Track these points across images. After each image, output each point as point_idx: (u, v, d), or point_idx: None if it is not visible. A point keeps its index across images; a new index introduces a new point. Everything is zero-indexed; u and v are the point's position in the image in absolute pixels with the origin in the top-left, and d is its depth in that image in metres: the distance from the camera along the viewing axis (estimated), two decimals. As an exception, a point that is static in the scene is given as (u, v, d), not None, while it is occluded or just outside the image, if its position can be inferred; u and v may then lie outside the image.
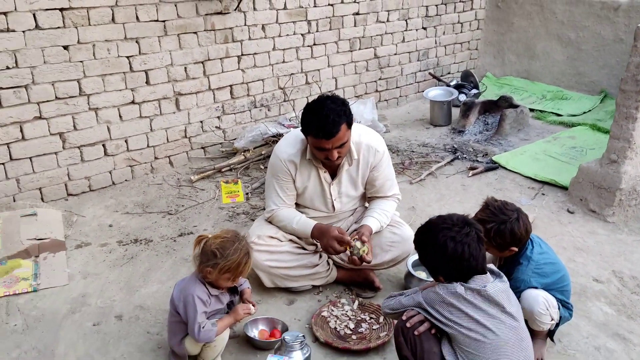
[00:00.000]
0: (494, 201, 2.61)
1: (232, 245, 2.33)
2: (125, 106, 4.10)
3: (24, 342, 2.67)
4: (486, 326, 2.04)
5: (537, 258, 2.59)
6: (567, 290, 2.70)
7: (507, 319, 2.08)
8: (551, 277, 2.61)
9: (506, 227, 2.50)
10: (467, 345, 2.06)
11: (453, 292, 2.09)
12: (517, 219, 2.52)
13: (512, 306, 2.13)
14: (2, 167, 3.67)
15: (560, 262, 2.70)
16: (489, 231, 2.53)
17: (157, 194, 4.18)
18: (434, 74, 6.45)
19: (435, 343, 2.14)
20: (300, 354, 2.36)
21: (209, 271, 2.33)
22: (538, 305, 2.52)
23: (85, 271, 3.24)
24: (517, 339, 2.08)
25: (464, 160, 4.88)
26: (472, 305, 2.06)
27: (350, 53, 5.56)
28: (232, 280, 2.38)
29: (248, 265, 2.38)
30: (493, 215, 2.54)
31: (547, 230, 3.78)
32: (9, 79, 3.53)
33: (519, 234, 2.52)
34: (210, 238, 2.36)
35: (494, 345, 2.03)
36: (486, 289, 2.08)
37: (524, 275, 2.57)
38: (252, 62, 4.76)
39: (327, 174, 2.99)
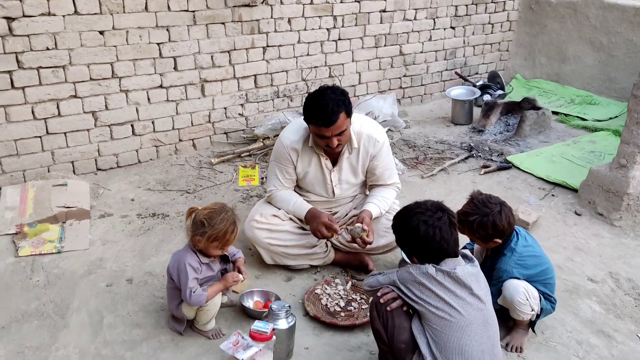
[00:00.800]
0: (479, 195, 2.73)
1: (218, 215, 2.54)
2: (153, 90, 4.37)
3: (43, 296, 2.95)
4: (453, 306, 2.18)
5: (520, 250, 2.71)
6: (550, 283, 2.80)
7: (474, 300, 2.22)
8: (534, 269, 2.72)
9: (488, 219, 2.63)
10: (434, 323, 2.20)
11: (424, 273, 2.23)
12: (499, 212, 2.64)
13: (481, 289, 2.26)
14: (39, 140, 3.99)
15: (544, 256, 2.80)
16: (472, 223, 2.66)
17: (179, 173, 4.44)
18: (460, 73, 6.51)
19: (405, 319, 2.30)
20: (285, 322, 2.55)
21: (199, 240, 2.54)
22: (518, 295, 2.64)
23: (104, 238, 3.52)
24: (482, 320, 2.21)
25: (478, 158, 4.97)
26: (441, 286, 2.20)
27: (375, 49, 5.69)
28: (221, 248, 2.59)
29: (234, 234, 2.58)
30: (476, 208, 2.67)
31: (550, 230, 3.86)
32: (49, 59, 3.84)
33: (501, 226, 2.64)
34: (200, 210, 2.59)
35: (459, 324, 2.17)
36: (455, 272, 2.22)
37: (506, 266, 2.69)
38: (277, 53, 4.96)
39: (328, 161, 3.17)
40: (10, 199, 3.70)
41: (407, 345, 2.27)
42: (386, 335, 2.31)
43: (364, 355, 2.64)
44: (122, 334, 2.70)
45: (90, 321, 2.78)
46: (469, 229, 2.71)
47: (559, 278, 3.30)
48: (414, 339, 2.25)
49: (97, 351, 2.59)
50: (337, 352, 2.66)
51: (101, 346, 2.62)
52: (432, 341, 2.19)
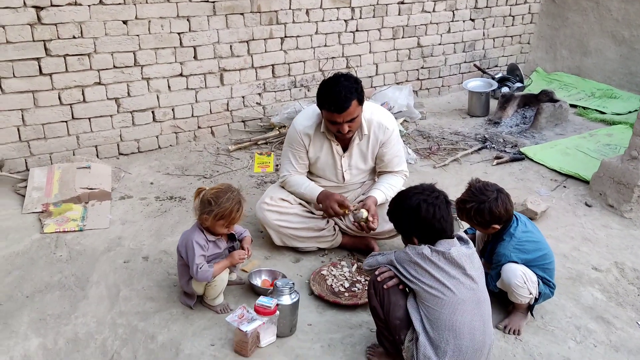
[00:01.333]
0: (476, 182, 2.81)
1: (224, 194, 2.68)
2: (173, 78, 4.53)
3: (65, 269, 3.14)
4: (446, 285, 2.27)
5: (519, 235, 2.78)
6: (549, 268, 2.87)
7: (467, 280, 2.31)
8: (532, 254, 2.79)
9: (485, 206, 2.70)
10: (427, 301, 2.30)
11: (420, 253, 2.33)
12: (495, 198, 2.71)
13: (474, 270, 2.35)
14: (65, 125, 4.19)
15: (543, 242, 2.87)
16: (470, 210, 2.74)
17: (197, 159, 4.60)
18: (479, 65, 6.53)
19: (401, 297, 2.40)
20: (289, 297, 2.67)
21: (205, 218, 2.68)
22: (516, 278, 2.72)
23: (124, 218, 3.70)
24: (474, 299, 2.30)
25: (492, 150, 5.01)
26: (435, 266, 2.30)
27: (393, 41, 5.76)
28: (227, 226, 2.73)
29: (240, 213, 2.71)
30: (473, 195, 2.75)
31: (558, 220, 3.90)
32: (75, 47, 4.03)
33: (497, 212, 2.71)
34: (207, 190, 2.73)
35: (451, 302, 2.26)
36: (450, 252, 2.31)
37: (505, 250, 2.77)
38: (295, 44, 5.07)
39: (339, 147, 3.27)
40: (37, 180, 3.91)
41: (402, 321, 2.37)
42: (382, 312, 2.42)
43: (363, 332, 2.75)
44: (136, 306, 2.86)
45: (108, 294, 2.95)
46: (466, 215, 2.79)
47: (563, 266, 3.38)
48: (409, 316, 2.35)
49: (113, 320, 2.76)
50: (338, 329, 2.77)
51: (117, 316, 2.78)
52: (426, 318, 2.29)
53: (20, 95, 3.94)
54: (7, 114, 3.93)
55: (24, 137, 4.05)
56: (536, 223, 3.78)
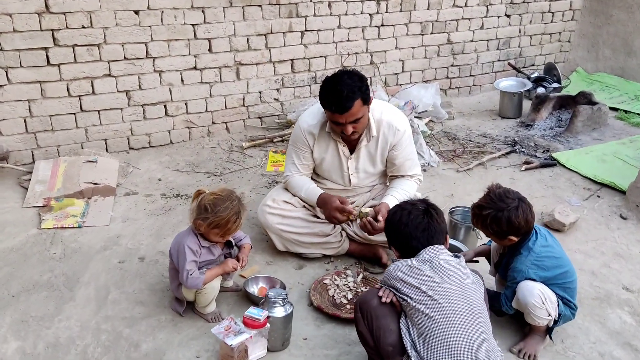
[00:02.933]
0: (496, 188, 2.57)
1: (223, 203, 2.49)
2: (187, 71, 4.39)
3: (57, 268, 3.02)
4: (433, 297, 2.08)
5: (538, 250, 2.52)
6: (570, 287, 2.59)
7: (458, 289, 2.11)
8: (552, 271, 2.52)
9: (503, 214, 2.47)
10: (416, 317, 2.10)
11: (403, 267, 2.17)
12: (516, 207, 2.47)
13: (467, 280, 2.16)
14: (73, 117, 4.10)
15: (564, 258, 2.59)
16: (486, 217, 2.51)
17: (209, 156, 4.45)
18: (513, 64, 6.19)
19: (392, 320, 2.18)
20: (282, 309, 2.48)
21: (200, 224, 2.51)
22: (533, 298, 2.46)
23: (125, 216, 3.57)
24: (467, 309, 2.09)
25: (521, 154, 4.70)
26: (420, 276, 2.12)
27: (421, 36, 5.49)
28: (221, 236, 2.55)
29: (237, 224, 2.53)
30: (491, 202, 2.51)
31: (589, 233, 3.59)
32: (84, 37, 3.92)
33: (516, 223, 2.46)
34: (207, 194, 2.54)
35: (441, 314, 2.06)
36: (438, 259, 2.14)
37: (522, 266, 2.52)
38: (316, 38, 4.87)
39: (345, 148, 3.06)
40: (42, 173, 3.82)
41: (395, 347, 2.16)
42: (372, 337, 2.22)
43: (361, 350, 2.52)
44: (124, 311, 2.72)
45: (97, 296, 2.82)
46: (482, 223, 2.55)
47: (590, 285, 3.09)
48: (402, 341, 2.14)
49: (97, 325, 2.62)
50: (335, 345, 2.57)
51: (102, 321, 2.64)
52: (417, 337, 2.09)
53: (28, 86, 3.86)
54: (14, 104, 3.86)
55: (30, 128, 3.98)
56: (564, 236, 3.53)
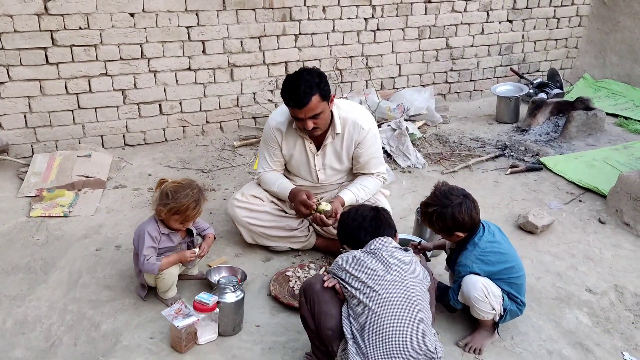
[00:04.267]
0: (442, 186, 2.64)
1: (183, 190, 2.63)
2: (181, 71, 4.57)
3: (37, 253, 3.21)
4: (372, 287, 2.15)
5: (483, 245, 2.57)
6: (517, 283, 2.64)
7: (398, 280, 2.18)
8: (496, 266, 2.58)
9: (447, 211, 2.53)
10: (355, 305, 2.18)
11: (348, 258, 2.25)
12: (459, 204, 2.53)
13: (409, 272, 2.22)
14: (71, 113, 4.31)
15: (511, 254, 2.64)
16: (432, 215, 2.57)
17: (201, 153, 4.61)
18: (516, 70, 6.19)
19: (334, 306, 2.27)
20: (233, 295, 2.59)
21: (161, 210, 2.65)
22: (476, 291, 2.52)
23: (111, 207, 3.75)
24: (404, 301, 2.15)
25: (510, 158, 4.71)
26: (362, 266, 2.20)
27: (419, 41, 5.55)
28: (181, 222, 2.69)
29: (196, 211, 2.66)
30: (436, 199, 2.58)
31: (562, 236, 3.61)
32: (81, 37, 4.13)
33: (460, 219, 2.52)
34: (169, 182, 2.69)
35: (378, 304, 2.13)
36: (382, 251, 2.21)
37: (467, 260, 2.58)
38: (310, 41, 4.99)
39: (312, 145, 3.16)
40: (38, 165, 4.04)
41: (334, 332, 2.24)
42: (313, 321, 2.30)
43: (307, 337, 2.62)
44: (91, 294, 2.88)
45: (69, 279, 2.99)
46: (429, 220, 2.62)
47: (553, 285, 3.12)
48: (342, 326, 2.22)
49: (65, 306, 2.78)
50: (285, 332, 2.67)
51: (69, 302, 2.81)
52: (355, 324, 2.17)
53: (27, 83, 4.09)
54: (15, 100, 4.09)
55: (30, 123, 4.21)
56: (536, 238, 3.56)
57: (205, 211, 3.73)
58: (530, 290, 3.04)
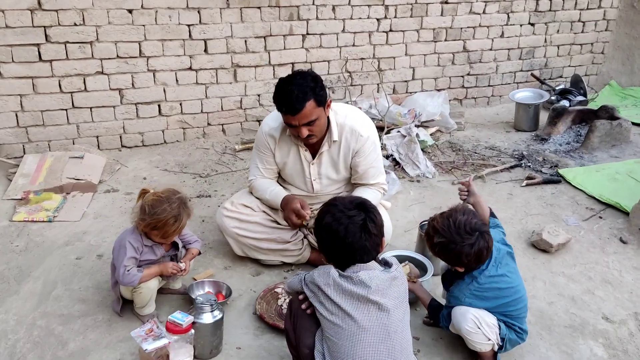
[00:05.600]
0: (460, 214, 2.27)
1: (160, 205, 2.42)
2: (182, 71, 4.38)
3: (13, 260, 3.04)
4: (347, 312, 1.94)
5: (482, 280, 2.30)
6: (514, 315, 2.37)
7: (373, 307, 1.95)
8: (491, 302, 2.33)
9: (455, 248, 2.22)
10: (328, 330, 1.98)
11: (323, 274, 2.02)
12: (471, 244, 2.20)
13: (389, 297, 1.98)
14: (64, 113, 4.16)
15: (514, 287, 2.35)
16: (436, 245, 2.28)
17: (200, 157, 4.41)
18: (537, 75, 5.88)
19: (314, 323, 2.08)
20: (210, 315, 2.38)
21: (140, 223, 2.46)
22: (466, 323, 2.28)
23: (99, 213, 3.57)
24: (381, 328, 1.94)
25: (527, 169, 4.42)
26: (339, 290, 1.97)
27: (434, 43, 5.30)
28: (162, 237, 2.49)
29: (175, 227, 2.46)
30: (448, 230, 2.24)
31: (579, 256, 3.32)
32: (76, 34, 3.98)
33: (465, 261, 2.24)
34: (150, 193, 2.49)
35: (352, 332, 1.93)
36: (358, 275, 1.97)
37: (460, 294, 2.33)
38: (318, 42, 4.77)
39: (307, 153, 2.94)
40: (27, 167, 3.89)
41: (311, 351, 2.03)
42: (294, 336, 2.11)
43: (290, 364, 2.40)
44: (63, 308, 2.69)
45: (42, 291, 2.80)
46: (430, 246, 2.34)
47: (566, 312, 2.85)
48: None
49: (33, 321, 2.60)
50: (267, 357, 2.45)
51: (39, 316, 2.63)
52: (327, 351, 1.97)
53: (19, 81, 3.95)
54: (6, 98, 3.95)
55: (22, 122, 4.06)
56: (550, 257, 3.29)
57: (198, 218, 3.56)
58: (541, 316, 2.79)
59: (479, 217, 2.32)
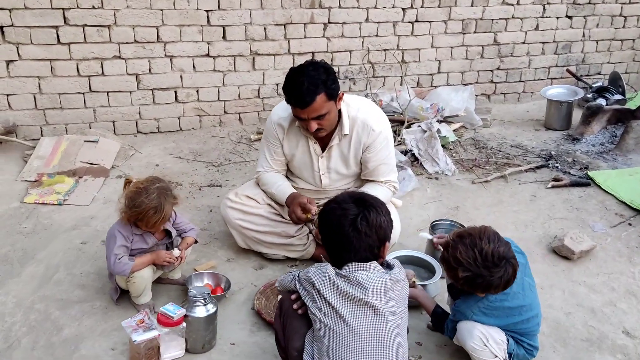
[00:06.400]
0: (485, 242, 2.01)
1: (138, 197, 2.37)
2: (199, 58, 4.32)
3: (19, 242, 3.03)
4: (340, 314, 1.84)
5: (493, 298, 2.14)
6: (525, 332, 2.21)
7: (369, 311, 1.85)
8: (501, 320, 2.17)
9: (482, 282, 2.02)
10: (319, 332, 1.89)
11: (320, 272, 1.92)
12: (500, 277, 2.00)
13: (386, 301, 1.87)
14: (82, 96, 4.14)
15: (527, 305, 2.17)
16: (459, 278, 2.05)
17: (215, 146, 4.35)
18: (573, 71, 5.62)
19: (304, 324, 1.98)
20: (203, 309, 2.31)
21: (124, 214, 2.41)
22: (472, 340, 2.14)
23: (108, 198, 3.54)
24: (374, 334, 1.84)
25: (554, 169, 4.22)
26: (334, 290, 1.86)
27: (462, 35, 5.10)
28: (148, 227, 2.44)
29: (158, 218, 2.39)
30: (474, 263, 1.99)
31: (603, 265, 3.13)
32: (94, 17, 3.95)
33: (492, 291, 2.07)
34: (133, 183, 2.43)
35: (343, 336, 1.83)
36: (356, 275, 1.86)
37: (467, 310, 2.18)
38: (340, 31, 4.64)
39: (317, 146, 2.83)
40: (43, 149, 3.89)
41: (300, 354, 1.95)
42: (283, 337, 2.03)
43: (283, 364, 2.31)
44: (63, 292, 2.66)
45: (44, 274, 2.78)
46: (452, 277, 2.10)
47: (584, 324, 2.68)
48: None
49: (32, 304, 2.58)
50: (261, 354, 2.36)
51: (38, 300, 2.60)
52: (317, 354, 1.88)
53: (38, 63, 3.95)
54: (24, 80, 3.95)
55: (39, 105, 4.06)
56: (572, 265, 3.11)
57: (207, 208, 3.50)
58: (557, 327, 2.63)
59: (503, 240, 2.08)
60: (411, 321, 2.61)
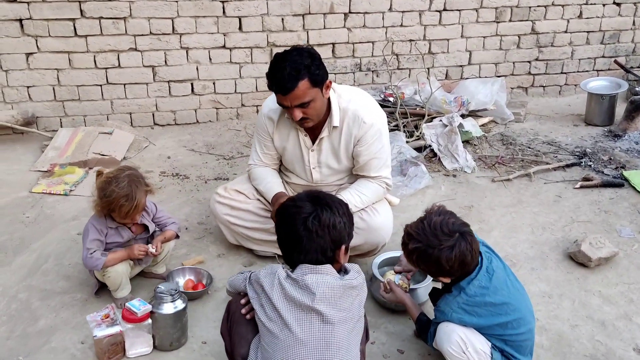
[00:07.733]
0: (435, 215, 1.99)
1: (108, 186, 2.33)
2: (215, 49, 4.27)
3: (19, 231, 3.09)
4: (286, 321, 1.73)
5: (472, 291, 1.98)
6: (517, 341, 2.01)
7: (316, 317, 1.74)
8: (486, 319, 1.98)
9: (433, 252, 1.92)
10: (264, 338, 1.80)
11: (270, 274, 1.82)
12: (450, 247, 1.90)
13: (335, 309, 1.75)
14: (99, 88, 4.19)
15: (513, 304, 2.00)
16: (412, 252, 1.98)
17: (230, 139, 4.30)
18: (622, 63, 5.19)
19: (251, 330, 1.89)
20: (170, 306, 2.25)
21: (97, 206, 2.37)
22: (450, 344, 1.97)
23: (114, 189, 3.55)
24: (321, 342, 1.73)
25: (586, 168, 3.90)
26: (282, 294, 1.77)
27: (496, 24, 4.81)
28: (123, 218, 2.40)
29: (129, 207, 2.34)
30: (422, 233, 1.94)
31: (624, 274, 2.86)
32: (109, 10, 3.97)
33: (447, 267, 1.93)
34: (105, 174, 2.39)
35: (286, 343, 1.73)
36: (305, 279, 1.75)
37: (446, 307, 2.02)
38: (362, 21, 4.47)
39: (307, 139, 2.71)
40: (60, 140, 3.97)
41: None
42: (229, 342, 1.94)
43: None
44: (48, 283, 2.68)
45: (34, 264, 2.82)
46: (408, 256, 2.03)
47: (590, 338, 2.45)
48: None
49: (16, 293, 2.61)
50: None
51: (22, 290, 2.63)
52: None
53: (56, 55, 4.01)
54: (43, 72, 4.03)
55: (58, 96, 4.14)
56: (588, 273, 2.86)
57: (208, 202, 3.44)
58: (559, 340, 2.42)
59: (459, 219, 2.00)
60: (396, 327, 2.48)
